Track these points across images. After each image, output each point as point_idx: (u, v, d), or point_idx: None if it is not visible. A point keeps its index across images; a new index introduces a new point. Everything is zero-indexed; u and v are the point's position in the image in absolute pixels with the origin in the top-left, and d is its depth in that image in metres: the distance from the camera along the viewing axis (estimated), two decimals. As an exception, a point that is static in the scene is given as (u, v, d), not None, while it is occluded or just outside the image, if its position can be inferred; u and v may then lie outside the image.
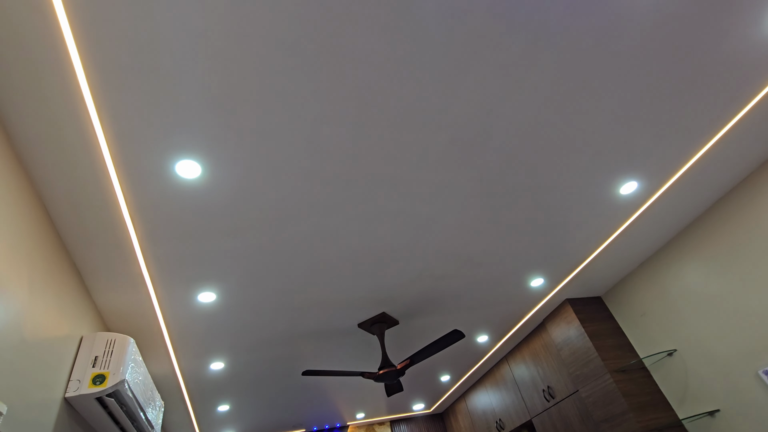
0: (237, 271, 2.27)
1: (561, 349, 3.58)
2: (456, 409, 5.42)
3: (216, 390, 3.51)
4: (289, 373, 3.58)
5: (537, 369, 3.90)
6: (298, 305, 2.70)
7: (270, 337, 2.97)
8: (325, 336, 3.14)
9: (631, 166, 2.25)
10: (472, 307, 3.28)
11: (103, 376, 1.93)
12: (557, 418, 3.64)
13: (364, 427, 5.41)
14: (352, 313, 2.95)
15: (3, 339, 1.41)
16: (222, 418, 4.09)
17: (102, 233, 1.86)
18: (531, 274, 3.03)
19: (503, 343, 4.06)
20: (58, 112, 1.41)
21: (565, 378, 3.55)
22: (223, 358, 3.07)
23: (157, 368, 2.94)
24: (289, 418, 4.60)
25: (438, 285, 2.87)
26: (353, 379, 4.02)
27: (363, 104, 1.62)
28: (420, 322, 3.28)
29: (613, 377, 3.09)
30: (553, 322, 3.67)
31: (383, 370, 2.79)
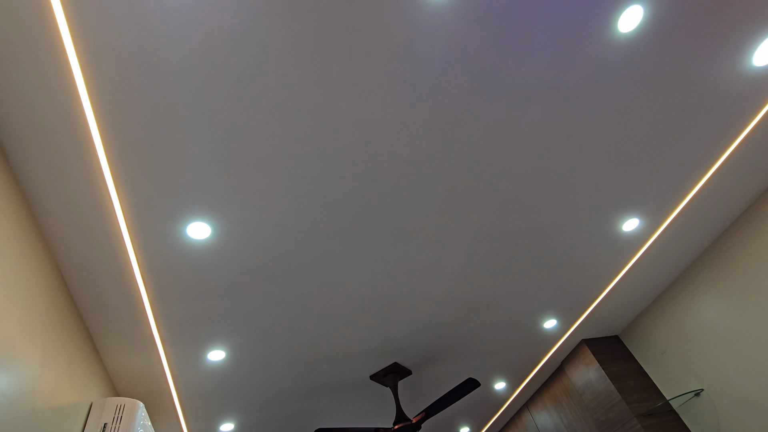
0: (246, 328, 2.28)
1: (583, 394, 3.43)
2: (479, 464, 5.10)
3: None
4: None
5: (560, 416, 3.71)
6: (308, 359, 2.67)
7: (281, 394, 2.90)
8: (337, 390, 3.06)
9: (631, 203, 2.28)
10: (485, 353, 3.20)
11: (111, 446, 1.89)
12: (587, 471, 3.41)
13: (382, 489, 5.08)
14: (363, 365, 2.89)
15: (15, 410, 1.41)
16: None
17: (115, 297, 1.91)
18: (543, 316, 2.98)
19: (522, 389, 3.90)
20: (77, 185, 1.50)
21: (591, 425, 3.37)
22: (234, 419, 2.98)
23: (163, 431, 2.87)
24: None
25: (448, 332, 2.83)
26: None
27: (362, 161, 1.70)
28: (433, 370, 3.20)
29: (640, 422, 2.93)
30: (571, 365, 3.55)
31: (398, 425, 2.69)
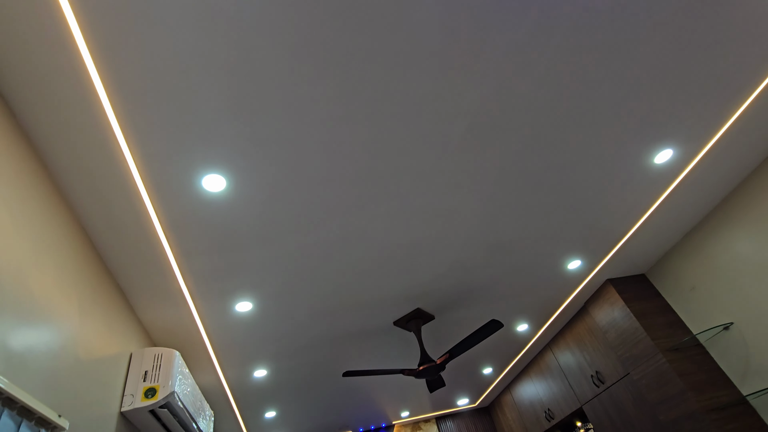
0: (269, 280, 2.32)
1: (607, 332, 3.44)
2: (502, 401, 5.32)
3: (261, 397, 3.59)
4: (330, 376, 3.62)
5: (583, 355, 3.77)
6: (332, 309, 2.72)
7: (308, 342, 3.01)
8: (362, 336, 3.15)
9: (665, 132, 2.13)
10: (508, 296, 3.21)
11: (154, 390, 2.01)
12: (609, 404, 3.50)
13: (410, 426, 5.40)
14: (386, 312, 2.94)
15: (60, 361, 1.49)
16: (270, 424, 4.19)
17: (139, 252, 1.94)
18: (567, 257, 2.93)
19: (544, 330, 3.95)
20: (87, 139, 1.47)
21: (614, 362, 3.41)
22: (266, 366, 3.13)
23: (204, 379, 3.04)
24: (335, 420, 4.65)
25: (470, 276, 2.82)
26: (395, 378, 4.02)
27: (376, 101, 1.61)
28: (456, 315, 3.24)
29: (665, 357, 2.94)
30: (595, 305, 3.54)
31: (423, 366, 2.77)
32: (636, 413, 3.23)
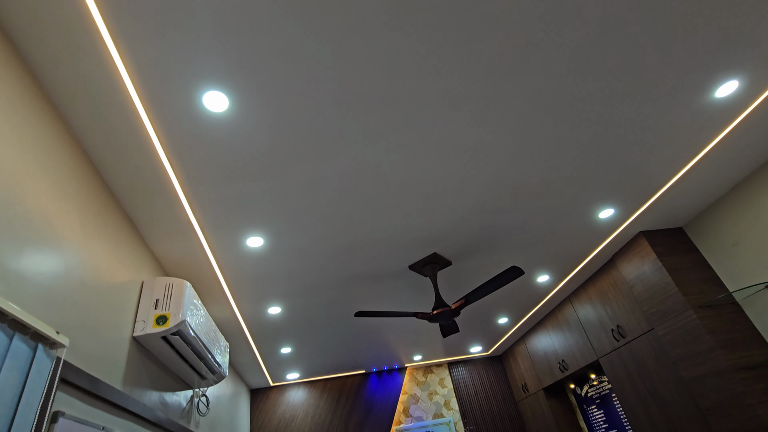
0: (280, 214, 2.22)
1: (633, 286, 3.28)
2: (515, 351, 5.34)
3: (276, 333, 3.66)
4: (344, 317, 3.64)
5: (605, 308, 3.64)
6: (345, 248, 2.64)
7: (321, 282, 2.97)
8: (376, 279, 3.09)
9: (733, 59, 1.82)
10: (531, 245, 3.05)
11: (165, 317, 2.00)
12: (628, 358, 3.41)
13: (422, 369, 5.53)
14: (402, 255, 2.84)
15: (62, 281, 1.45)
16: (285, 359, 4.33)
17: (143, 178, 1.85)
18: (599, 205, 2.71)
19: (566, 282, 3.81)
20: (80, 50, 1.33)
21: (638, 316, 3.27)
22: (279, 303, 3.14)
23: (219, 312, 3.08)
24: (349, 360, 4.77)
25: (493, 221, 2.66)
26: (409, 322, 4.03)
27: (396, 9, 1.38)
28: (474, 262, 3.12)
29: (696, 313, 2.77)
30: (624, 258, 3.35)
31: (437, 311, 2.70)
32: (656, 368, 3.13)
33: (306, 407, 4.99)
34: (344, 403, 5.08)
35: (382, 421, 5.01)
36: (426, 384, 5.41)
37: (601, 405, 4.22)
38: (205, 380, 2.74)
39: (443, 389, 5.40)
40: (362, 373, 5.35)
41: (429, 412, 5.20)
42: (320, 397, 5.09)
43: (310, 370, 4.84)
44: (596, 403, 4.30)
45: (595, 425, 4.34)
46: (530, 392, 5.03)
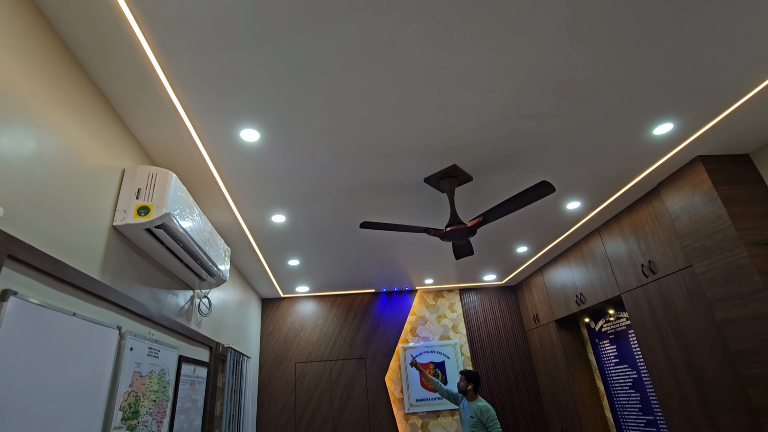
0: (275, 101, 1.90)
1: (677, 219, 2.91)
2: (530, 282, 5.18)
3: (283, 243, 3.54)
4: (352, 231, 3.45)
5: (638, 242, 3.31)
6: (354, 152, 2.34)
7: (328, 189, 2.73)
8: (387, 191, 2.82)
9: None
10: (567, 163, 2.66)
11: (147, 208, 1.82)
12: (654, 295, 3.16)
13: (432, 293, 5.49)
14: (417, 165, 2.53)
15: (32, 165, 1.23)
16: (294, 272, 4.28)
17: (112, 46, 1.54)
18: (657, 117, 2.26)
19: (599, 212, 3.46)
20: None
21: (676, 252, 2.95)
22: (283, 210, 2.95)
23: (219, 216, 2.92)
24: (359, 277, 4.72)
25: (525, 128, 2.27)
26: (421, 243, 3.83)
27: None
28: (498, 179, 2.79)
29: (749, 250, 2.43)
30: (671, 187, 2.94)
31: (451, 227, 2.45)
32: (686, 307, 2.88)
33: (315, 319, 5.09)
34: (353, 318, 5.15)
35: (389, 338, 5.09)
36: (435, 307, 5.40)
37: (615, 341, 4.09)
38: (205, 282, 2.66)
39: (452, 313, 5.39)
40: (372, 292, 5.36)
41: (436, 333, 5.25)
42: (329, 311, 5.16)
43: (320, 284, 4.84)
44: (609, 339, 4.17)
45: (604, 359, 4.25)
46: (541, 323, 4.95)
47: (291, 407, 4.58)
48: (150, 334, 2.10)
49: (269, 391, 4.64)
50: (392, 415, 4.68)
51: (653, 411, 3.63)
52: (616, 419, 4.09)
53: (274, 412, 4.54)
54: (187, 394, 2.53)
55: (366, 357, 4.95)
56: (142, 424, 1.93)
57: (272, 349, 4.86)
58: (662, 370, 3.11)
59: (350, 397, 4.71)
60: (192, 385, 2.63)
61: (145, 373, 1.98)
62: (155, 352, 2.10)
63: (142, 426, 1.93)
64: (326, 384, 4.74)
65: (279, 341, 4.91)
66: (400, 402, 4.80)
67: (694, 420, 2.84)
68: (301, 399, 4.64)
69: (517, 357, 5.18)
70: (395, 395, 4.83)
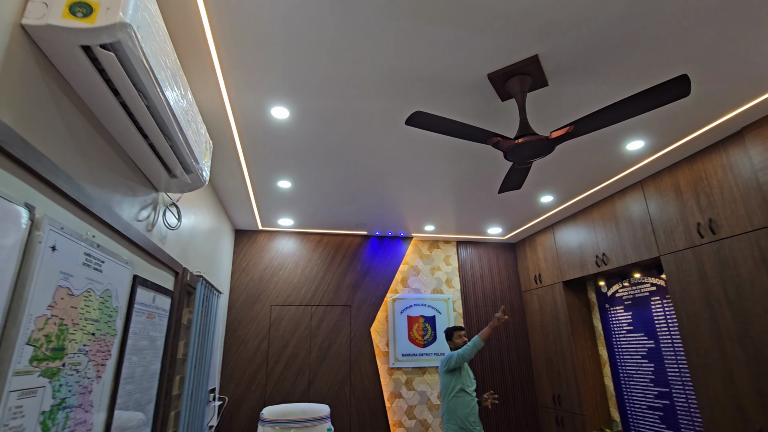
0: None
1: (763, 169, 2.43)
2: (536, 240, 4.74)
3: (277, 153, 2.78)
4: (367, 145, 2.75)
5: (697, 198, 2.85)
6: (405, 15, 1.61)
7: (355, 73, 1.99)
8: (432, 87, 2.11)
9: None
10: (696, 68, 2.06)
11: (90, 7, 1.04)
12: (709, 258, 2.74)
13: (428, 242, 4.96)
14: (483, 51, 1.84)
15: None
16: (281, 198, 3.55)
17: None
18: (825, 12, 1.67)
19: (661, 155, 2.94)
20: None
21: (752, 209, 2.50)
22: (286, 100, 2.19)
23: (202, 95, 2.12)
24: (352, 216, 4.07)
25: (660, 5, 1.61)
26: (430, 190, 3.20)
27: None
28: (581, 89, 2.15)
29: None
30: (764, 129, 2.44)
31: (525, 138, 1.81)
32: (754, 274, 2.47)
33: (296, 258, 4.44)
34: (340, 261, 4.55)
35: (378, 286, 4.56)
36: (430, 258, 4.89)
37: (632, 307, 3.75)
38: (176, 181, 1.91)
39: (447, 266, 4.91)
40: (364, 235, 4.74)
41: (428, 286, 4.76)
42: (314, 251, 4.52)
43: (307, 219, 4.15)
44: (625, 305, 3.83)
45: (614, 325, 3.94)
46: (544, 283, 4.56)
47: (263, 353, 4.01)
48: (89, 234, 1.38)
49: (239, 334, 4.03)
50: (376, 368, 4.23)
51: (668, 383, 3.35)
52: (618, 388, 3.83)
53: (244, 357, 3.96)
54: (143, 328, 1.85)
55: (352, 305, 4.41)
56: (71, 367, 1.25)
57: (245, 288, 4.20)
58: (704, 342, 2.75)
59: (331, 347, 4.19)
60: (150, 317, 1.95)
61: (77, 291, 1.27)
62: (97, 264, 1.38)
63: (71, 370, 1.25)
64: (305, 330, 4.18)
65: (254, 279, 4.25)
66: (385, 356, 4.35)
67: (739, 398, 2.51)
68: (276, 345, 4.07)
69: (511, 318, 4.83)
70: (380, 348, 4.37)
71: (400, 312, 4.53)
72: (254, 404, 3.83)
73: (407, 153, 2.81)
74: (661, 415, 3.40)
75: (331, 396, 4.02)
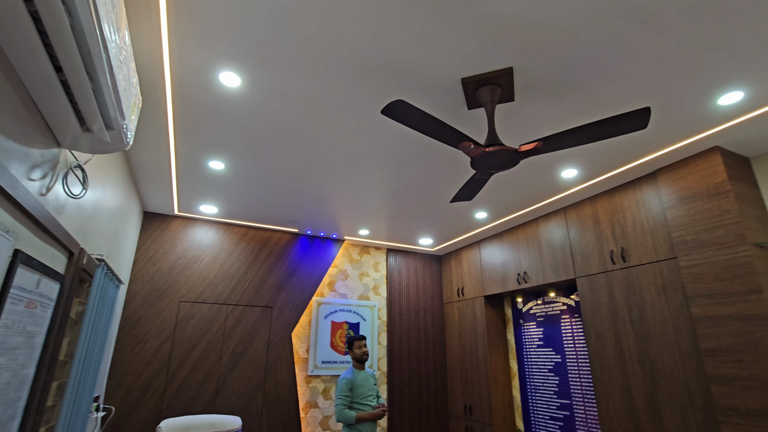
0: None
1: (670, 208, 2.77)
2: (461, 255, 4.90)
3: (215, 122, 2.46)
4: (317, 131, 2.57)
5: (612, 228, 3.15)
6: None
7: (324, 49, 1.82)
8: (401, 81, 2.03)
9: None
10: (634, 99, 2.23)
11: None
12: (619, 283, 3.04)
13: (359, 247, 4.84)
14: (461, 54, 1.81)
15: None
16: (209, 180, 3.16)
17: None
18: (724, 87, 1.94)
19: (584, 187, 3.20)
20: None
21: (659, 242, 2.82)
22: (234, 63, 1.93)
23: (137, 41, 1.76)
24: (285, 211, 3.80)
25: (631, 36, 1.73)
26: (373, 194, 3.12)
27: None
28: (545, 109, 2.22)
29: (751, 250, 2.34)
30: (673, 173, 2.78)
31: (495, 147, 1.81)
32: (656, 299, 2.78)
33: (216, 251, 4.00)
34: (265, 258, 4.20)
35: (304, 289, 4.30)
36: (359, 264, 4.77)
37: (543, 323, 4.03)
38: (89, 137, 1.54)
39: (376, 273, 4.83)
40: (294, 233, 4.46)
41: (356, 292, 4.63)
42: (236, 244, 4.11)
43: (233, 208, 3.76)
44: (537, 321, 4.10)
45: (525, 340, 4.19)
46: (466, 297, 4.72)
47: (164, 356, 3.50)
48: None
49: (136, 332, 3.46)
50: (293, 376, 3.96)
51: (570, 395, 3.64)
52: (525, 399, 4.07)
53: (140, 360, 3.41)
54: (18, 321, 1.44)
55: (274, 306, 4.08)
56: None
57: (150, 280, 3.64)
58: (609, 359, 3.03)
59: (246, 351, 3.82)
60: (30, 307, 1.53)
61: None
62: (-32, 228, 1.02)
63: None
64: (218, 332, 3.76)
65: (162, 271, 3.71)
66: (304, 362, 4.09)
67: (635, 411, 2.79)
68: (181, 347, 3.58)
69: (432, 328, 4.91)
70: (300, 354, 4.10)
71: (324, 317, 4.32)
72: (147, 415, 3.30)
73: (360, 151, 2.68)
74: (561, 425, 3.67)
75: (241, 406, 3.64)
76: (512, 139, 2.51)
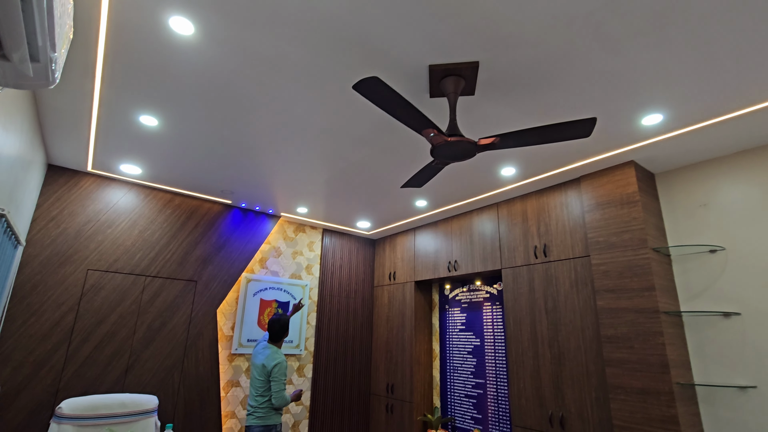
0: None
1: (589, 212, 3.10)
2: (396, 240, 5.02)
3: (151, 76, 2.19)
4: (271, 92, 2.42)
5: (538, 225, 3.45)
6: None
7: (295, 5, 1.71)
8: (367, 56, 1.99)
9: None
10: (585, 104, 2.42)
11: None
12: (539, 275, 3.35)
13: (294, 224, 4.71)
14: (431, 41, 1.82)
15: None
16: (136, 136, 2.81)
17: None
18: (647, 107, 2.22)
19: (518, 186, 3.44)
20: None
21: (577, 241, 3.15)
22: (191, 15, 1.74)
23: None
24: (219, 180, 3.54)
25: (590, 47, 1.87)
26: (317, 172, 3.06)
27: None
28: (500, 108, 2.33)
29: (650, 254, 2.73)
30: (595, 180, 3.11)
31: (456, 138, 1.86)
32: (569, 291, 3.12)
33: (135, 217, 3.61)
34: (192, 229, 3.89)
35: (234, 264, 4.08)
36: (294, 242, 4.65)
37: (467, 310, 4.30)
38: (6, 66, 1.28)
39: (310, 253, 4.75)
40: (227, 204, 4.18)
41: (288, 270, 4.52)
42: (160, 211, 3.75)
43: (159, 171, 3.41)
44: (462, 307, 4.36)
45: (449, 323, 4.45)
46: (397, 281, 4.86)
47: (66, 329, 3.10)
48: None
49: (31, 301, 3.01)
50: (216, 353, 3.76)
51: (485, 375, 3.96)
52: (444, 379, 4.34)
53: (34, 333, 2.98)
54: None
55: (198, 281, 3.82)
56: None
57: (52, 242, 3.18)
58: (524, 343, 3.34)
59: (164, 327, 3.53)
60: None
61: None
62: None
63: None
64: (132, 305, 3.42)
65: (67, 233, 3.25)
66: (228, 340, 3.91)
67: (542, 389, 3.13)
68: (86, 320, 3.20)
69: (361, 310, 4.98)
70: (224, 331, 3.91)
71: (253, 294, 4.15)
72: (40, 395, 2.91)
73: (312, 125, 2.58)
74: (474, 402, 3.99)
75: (155, 384, 3.38)
76: (465, 132, 2.60)
